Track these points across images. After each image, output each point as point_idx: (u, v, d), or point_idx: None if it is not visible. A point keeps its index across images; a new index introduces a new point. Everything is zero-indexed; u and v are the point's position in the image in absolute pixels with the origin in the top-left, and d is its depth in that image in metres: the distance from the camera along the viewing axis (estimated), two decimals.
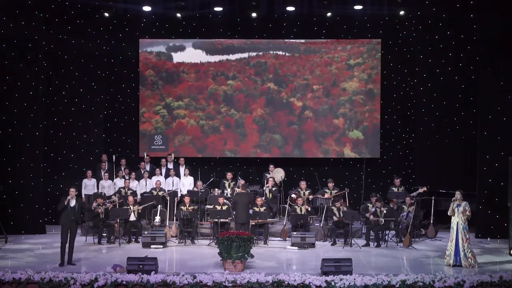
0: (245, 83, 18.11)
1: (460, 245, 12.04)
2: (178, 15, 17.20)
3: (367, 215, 14.35)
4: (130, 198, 14.72)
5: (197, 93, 18.11)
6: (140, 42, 17.61)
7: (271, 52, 18.04)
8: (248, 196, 14.16)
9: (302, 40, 17.86)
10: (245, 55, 18.08)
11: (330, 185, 15.80)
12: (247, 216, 13.82)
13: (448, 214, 12.33)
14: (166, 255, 13.16)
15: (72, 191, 12.05)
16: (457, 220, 12.14)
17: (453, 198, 12.28)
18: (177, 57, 17.85)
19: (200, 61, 17.97)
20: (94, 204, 14.06)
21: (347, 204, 15.34)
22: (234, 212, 14.23)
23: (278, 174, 16.51)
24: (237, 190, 15.17)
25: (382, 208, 14.29)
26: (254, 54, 18.09)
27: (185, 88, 18.07)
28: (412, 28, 17.18)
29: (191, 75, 18.09)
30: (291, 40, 17.87)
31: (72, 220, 12.01)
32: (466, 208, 12.13)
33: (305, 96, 18.02)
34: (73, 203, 12.00)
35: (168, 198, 15.30)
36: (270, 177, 15.97)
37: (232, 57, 18.09)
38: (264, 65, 18.10)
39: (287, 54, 18.07)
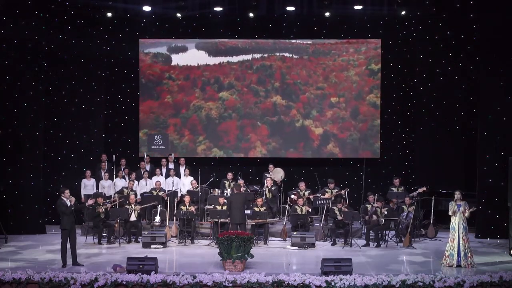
0: (243, 96, 16.53)
1: (461, 245, 12.04)
2: (178, 15, 17.16)
3: (366, 217, 14.34)
4: (132, 197, 14.72)
5: (169, 115, 16.53)
6: (141, 42, 17.57)
7: (277, 54, 17.02)
8: (242, 196, 14.11)
9: (309, 41, 17.07)
10: (249, 56, 17.12)
11: (331, 185, 15.80)
12: (242, 216, 13.81)
13: (449, 214, 12.30)
14: (166, 255, 13.16)
15: (67, 192, 12.03)
16: (458, 220, 12.13)
17: (455, 199, 12.24)
18: (175, 59, 17.37)
19: (198, 64, 17.24)
20: (90, 202, 14.03)
21: (347, 204, 15.34)
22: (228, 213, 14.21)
23: (277, 174, 16.49)
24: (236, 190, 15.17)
25: (383, 209, 14.29)
26: (258, 56, 17.06)
27: (155, 107, 16.74)
28: (412, 28, 17.16)
29: (177, 84, 16.88)
30: (297, 41, 17.04)
31: (73, 221, 12.01)
32: (466, 207, 12.13)
33: (324, 115, 16.19)
34: (69, 204, 12.01)
35: (166, 198, 15.28)
36: (269, 177, 15.96)
37: (234, 59, 17.15)
38: (269, 69, 16.86)
39: (294, 56, 16.96)
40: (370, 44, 17.27)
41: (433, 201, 15.02)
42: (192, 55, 17.48)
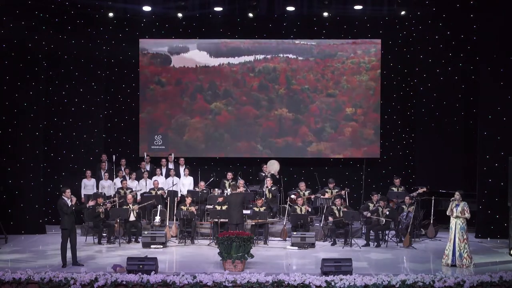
0: (241, 107, 15.03)
1: (457, 245, 12.05)
2: (179, 15, 17.08)
3: (365, 213, 14.35)
4: (129, 196, 14.72)
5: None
6: (141, 42, 17.55)
7: (281, 55, 16.09)
8: (240, 196, 14.02)
9: (313, 42, 16.39)
10: (251, 58, 16.14)
11: (331, 185, 15.79)
12: (241, 216, 13.74)
13: (447, 214, 12.34)
14: (166, 255, 13.16)
15: (68, 191, 12.02)
16: (456, 220, 12.14)
17: (452, 198, 12.30)
18: (174, 60, 17.02)
19: (196, 65, 16.72)
20: (91, 203, 14.01)
21: (347, 204, 15.35)
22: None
23: (272, 166, 16.30)
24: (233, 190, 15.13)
25: (385, 210, 14.28)
26: (261, 57, 16.06)
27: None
28: (412, 28, 17.17)
29: (164, 90, 15.91)
30: (301, 41, 16.29)
31: (73, 221, 12.00)
32: (465, 208, 12.14)
33: (341, 132, 14.62)
34: (69, 204, 12.00)
35: (165, 195, 15.23)
36: (268, 177, 15.92)
37: (236, 60, 16.26)
38: (273, 72, 15.62)
39: (299, 58, 15.85)
40: (378, 46, 16.95)
41: (433, 201, 15.02)
42: (192, 56, 17.18)
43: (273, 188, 15.80)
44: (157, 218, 14.79)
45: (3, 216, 14.85)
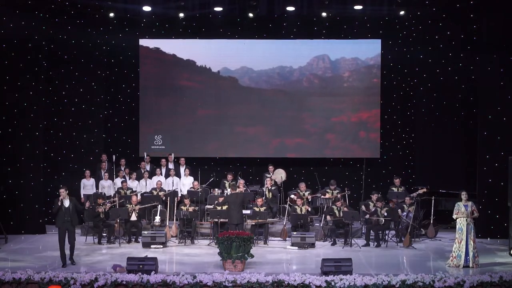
0: (241, 106, 15.05)
1: (470, 246, 11.97)
2: (180, 15, 17.07)
3: (367, 216, 14.33)
4: (134, 198, 14.72)
5: None
6: (141, 42, 17.54)
7: (279, 56, 15.74)
8: (240, 196, 13.98)
9: (313, 42, 16.07)
10: (250, 59, 15.91)
11: (332, 187, 15.78)
12: (240, 216, 13.70)
13: (454, 216, 12.15)
14: (166, 255, 13.16)
15: (62, 191, 11.98)
16: (467, 221, 12.04)
17: (462, 199, 12.15)
18: (174, 60, 16.97)
19: (196, 65, 16.65)
20: (87, 204, 13.96)
21: (347, 204, 15.34)
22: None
23: (279, 175, 16.44)
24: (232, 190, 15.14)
25: (383, 211, 14.28)
26: (260, 57, 15.83)
27: None
28: (412, 28, 17.17)
29: (163, 90, 16.00)
30: (301, 41, 16.15)
31: (67, 221, 11.91)
32: (473, 208, 12.10)
33: (341, 132, 15.05)
34: (66, 203, 11.94)
35: (164, 198, 15.23)
36: (268, 177, 15.92)
37: (235, 61, 15.91)
38: (272, 72, 15.41)
39: (298, 57, 15.63)
40: (378, 46, 16.82)
41: (433, 201, 15.02)
42: (192, 56, 17.16)
43: (273, 188, 15.81)
44: (157, 218, 14.79)
45: (3, 216, 14.85)
